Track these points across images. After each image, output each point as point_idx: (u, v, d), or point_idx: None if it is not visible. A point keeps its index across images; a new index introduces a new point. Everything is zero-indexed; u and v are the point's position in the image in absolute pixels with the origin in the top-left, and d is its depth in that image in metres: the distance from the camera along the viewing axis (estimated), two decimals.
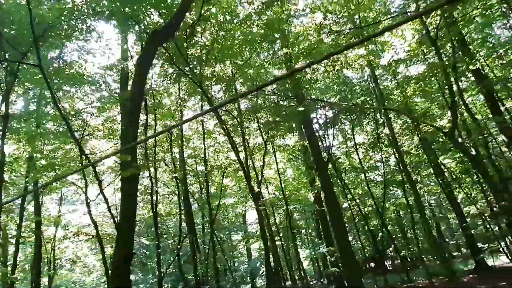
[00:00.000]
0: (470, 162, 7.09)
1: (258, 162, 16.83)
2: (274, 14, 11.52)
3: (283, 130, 15.20)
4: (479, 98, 15.04)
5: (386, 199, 16.62)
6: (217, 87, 14.05)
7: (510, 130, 10.43)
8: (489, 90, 11.85)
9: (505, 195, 7.68)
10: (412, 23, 9.56)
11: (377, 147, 16.34)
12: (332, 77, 13.78)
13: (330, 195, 13.20)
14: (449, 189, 14.04)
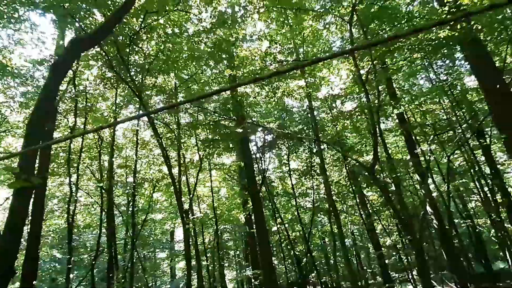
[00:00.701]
0: (385, 197, 7.72)
1: (192, 178, 16.52)
2: (224, 35, 11.74)
3: (221, 149, 15.21)
4: (401, 138, 16.62)
5: (313, 226, 17.26)
6: (158, 98, 13.71)
7: (422, 169, 11.62)
8: (408, 132, 13.20)
9: (413, 230, 8.46)
10: (348, 63, 10.36)
11: (309, 174, 17.07)
12: (273, 102, 14.26)
13: (260, 217, 13.37)
14: (369, 220, 15.04)
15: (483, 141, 13.45)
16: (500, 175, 13.82)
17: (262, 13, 10.99)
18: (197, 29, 11.31)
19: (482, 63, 9.38)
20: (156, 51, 11.14)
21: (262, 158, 17.06)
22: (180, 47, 11.73)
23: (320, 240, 20.89)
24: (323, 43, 13.94)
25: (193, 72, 13.45)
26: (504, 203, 13.52)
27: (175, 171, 13.37)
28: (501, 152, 16.62)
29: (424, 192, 9.66)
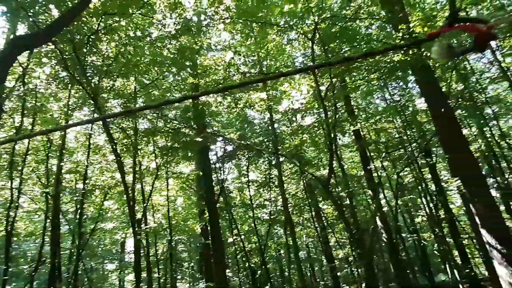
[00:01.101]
0: (338, 211, 7.93)
1: (148, 186, 15.96)
2: (188, 42, 11.63)
3: (179, 157, 14.88)
4: (357, 154, 17.29)
5: (269, 238, 17.31)
6: (115, 102, 13.18)
7: (375, 184, 12.13)
8: (363, 149, 13.78)
9: (363, 244, 8.77)
10: (309, 79, 10.67)
11: (267, 186, 17.18)
12: (234, 113, 14.27)
13: (216, 228, 13.18)
14: (323, 233, 15.36)
15: (430, 160, 14.35)
16: (444, 193, 14.78)
17: (227, 23, 11.06)
18: (161, 34, 11.10)
19: (431, 88, 10.04)
20: (116, 53, 10.74)
21: (221, 168, 16.93)
22: (142, 51, 11.42)
23: (275, 252, 20.96)
24: (286, 58, 14.27)
25: (154, 77, 13.12)
26: (446, 218, 14.45)
27: (130, 178, 12.84)
28: (446, 170, 17.79)
29: (375, 206, 10.06)
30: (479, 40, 1.30)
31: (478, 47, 1.32)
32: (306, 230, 20.24)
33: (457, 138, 9.33)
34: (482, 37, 1.29)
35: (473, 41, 1.32)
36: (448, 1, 1.28)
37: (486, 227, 7.96)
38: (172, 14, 10.09)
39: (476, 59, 15.39)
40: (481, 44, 1.31)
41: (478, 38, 1.31)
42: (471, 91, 13.54)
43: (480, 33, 1.29)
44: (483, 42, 1.30)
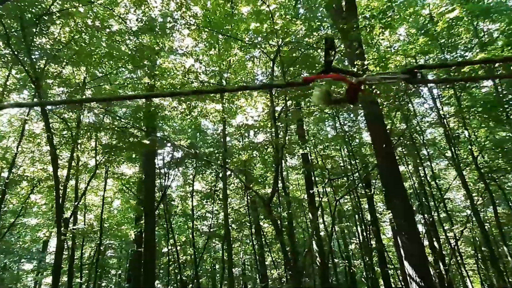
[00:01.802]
0: (276, 231, 8.00)
1: (83, 184, 14.95)
2: (149, 42, 11.30)
3: (123, 157, 14.17)
4: (302, 177, 17.75)
5: (206, 251, 16.94)
6: (60, 90, 12.32)
7: (314, 207, 12.48)
8: (309, 172, 14.19)
9: (297, 265, 8.91)
10: (265, 98, 10.84)
11: (211, 198, 16.93)
12: (188, 120, 14.02)
13: (151, 236, 12.63)
14: (260, 251, 15.39)
15: (369, 191, 15.14)
16: (377, 223, 15.62)
17: (193, 30, 10.96)
18: (121, 28, 10.68)
19: (376, 123, 10.69)
20: (69, 39, 10.12)
21: (166, 174, 16.41)
22: (99, 42, 10.88)
23: (210, 267, 20.54)
24: (247, 74, 14.43)
25: (108, 71, 12.51)
26: (377, 248, 15.22)
27: (64, 173, 11.95)
28: (381, 202, 18.86)
29: (313, 230, 10.31)
30: (349, 93, 1.34)
31: (348, 99, 1.35)
32: (244, 247, 20.12)
33: (394, 174, 9.96)
34: (352, 90, 1.33)
35: (345, 94, 1.35)
36: (324, 51, 1.21)
37: (408, 260, 8.48)
38: (136, 10, 9.77)
39: (419, 103, 16.78)
40: (351, 96, 1.34)
41: (349, 91, 1.34)
42: (411, 131, 14.64)
43: (351, 86, 1.33)
44: (353, 95, 1.34)
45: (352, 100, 1.33)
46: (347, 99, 1.36)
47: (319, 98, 1.36)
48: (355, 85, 1.31)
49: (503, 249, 15.76)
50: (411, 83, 1.28)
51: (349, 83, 1.30)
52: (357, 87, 1.31)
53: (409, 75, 1.24)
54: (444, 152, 15.28)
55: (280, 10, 9.54)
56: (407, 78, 1.25)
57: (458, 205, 19.17)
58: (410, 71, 1.25)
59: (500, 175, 13.65)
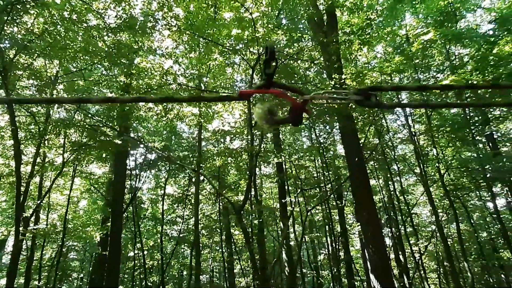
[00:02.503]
0: (245, 239, 7.93)
1: (49, 182, 14.30)
2: (128, 39, 11.06)
3: (93, 156, 13.68)
4: (276, 186, 17.79)
5: (174, 257, 16.56)
6: (30, 83, 11.79)
7: (286, 216, 12.49)
8: (283, 181, 14.23)
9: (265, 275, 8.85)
10: (243, 105, 10.82)
11: (183, 202, 16.63)
12: (163, 122, 13.77)
13: (117, 239, 12.22)
14: (229, 259, 15.22)
15: (340, 202, 15.36)
16: (346, 235, 15.84)
17: (173, 32, 10.81)
18: (99, 23, 10.39)
19: (350, 137, 10.91)
20: (43, 30, 9.72)
21: (137, 176, 16.00)
22: (75, 35, 10.52)
23: (177, 273, 20.09)
24: (226, 79, 14.38)
25: (82, 66, 12.11)
26: (345, 259, 15.41)
27: (28, 169, 11.39)
28: (352, 214, 19.19)
29: (283, 239, 10.31)
30: (293, 113, 1.17)
31: (291, 119, 1.18)
32: (213, 254, 19.85)
33: (364, 187, 10.16)
34: (296, 110, 1.16)
35: (288, 114, 1.18)
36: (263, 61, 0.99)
37: (374, 272, 8.63)
38: (116, 7, 9.54)
39: (392, 120, 17.31)
40: (294, 117, 1.17)
41: (292, 110, 1.17)
42: (383, 147, 15.04)
43: (294, 105, 1.15)
44: (296, 116, 1.17)
45: (295, 122, 1.16)
46: (290, 120, 1.19)
47: (259, 117, 1.20)
48: (299, 105, 1.15)
49: (464, 265, 16.37)
50: (363, 106, 1.12)
51: (292, 101, 1.15)
52: (301, 107, 1.16)
53: (361, 96, 1.10)
54: (413, 168, 15.77)
55: (263, 19, 9.59)
56: (359, 100, 1.11)
57: (424, 220, 19.79)
58: (364, 92, 1.10)
59: (464, 193, 14.23)
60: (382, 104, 1.16)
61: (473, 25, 12.80)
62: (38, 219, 13.49)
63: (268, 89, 1.09)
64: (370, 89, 1.11)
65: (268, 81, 1.08)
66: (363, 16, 10.70)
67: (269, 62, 1.08)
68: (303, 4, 10.55)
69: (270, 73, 1.08)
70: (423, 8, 11.87)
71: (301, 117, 1.18)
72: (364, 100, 1.10)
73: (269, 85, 1.09)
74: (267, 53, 1.08)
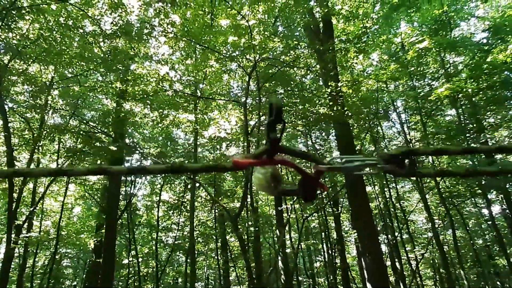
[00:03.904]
0: (241, 247, 7.87)
1: (42, 188, 14.15)
2: (124, 46, 11.03)
3: (87, 163, 13.57)
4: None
5: (169, 264, 16.39)
6: (25, 89, 11.71)
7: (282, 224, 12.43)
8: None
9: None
10: (239, 111, 10.81)
11: (179, 209, 16.51)
12: (159, 128, 13.71)
13: (111, 246, 12.08)
14: (225, 266, 15.10)
15: (336, 209, 15.32)
16: (343, 242, 15.78)
17: (170, 38, 10.82)
18: (95, 30, 10.37)
19: (347, 144, 10.91)
20: (38, 36, 9.69)
21: (133, 182, 15.88)
22: (70, 41, 10.50)
23: (172, 280, 19.87)
24: (223, 85, 14.37)
25: (78, 72, 12.06)
26: (341, 267, 15.32)
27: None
28: (348, 221, 19.14)
29: (279, 247, 10.24)
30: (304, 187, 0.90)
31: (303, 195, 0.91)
32: (208, 261, 19.68)
33: (360, 194, 10.14)
34: (309, 184, 0.90)
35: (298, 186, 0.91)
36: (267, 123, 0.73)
37: (370, 280, 8.58)
38: (112, 13, 9.53)
39: (388, 126, 17.38)
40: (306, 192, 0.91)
41: (304, 184, 0.90)
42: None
43: (306, 178, 0.89)
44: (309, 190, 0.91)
45: (307, 197, 0.90)
46: (301, 195, 0.92)
47: (260, 184, 0.93)
48: (313, 177, 0.90)
49: (460, 272, 16.36)
50: (396, 175, 0.85)
51: (303, 173, 0.90)
52: (315, 179, 0.90)
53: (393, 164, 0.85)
54: None
55: (259, 26, 9.63)
56: (391, 170, 0.85)
57: (420, 227, 19.79)
58: (396, 158, 0.84)
59: (459, 200, 14.26)
60: (420, 173, 0.88)
61: (467, 34, 12.95)
62: (31, 225, 13.31)
63: (272, 158, 0.85)
64: (404, 154, 0.86)
65: (273, 147, 0.84)
66: (359, 24, 10.79)
67: (274, 124, 0.82)
68: (300, 12, 10.61)
69: (274, 138, 0.83)
70: (418, 17, 11.98)
71: (314, 191, 0.92)
72: (398, 168, 0.85)
73: (273, 153, 0.85)
74: (272, 112, 0.81)
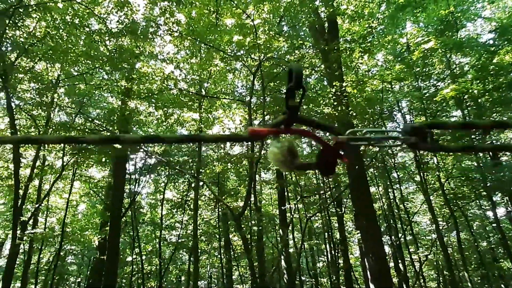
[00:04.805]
0: (244, 246, 7.89)
1: (48, 185, 14.26)
2: (130, 44, 11.08)
3: (92, 160, 13.67)
4: (276, 192, 17.72)
5: (172, 262, 16.46)
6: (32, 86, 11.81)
7: (285, 223, 12.45)
8: (283, 188, 14.18)
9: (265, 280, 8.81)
10: (243, 111, 10.82)
11: (182, 208, 16.56)
12: (163, 127, 13.77)
13: (115, 244, 12.17)
14: (228, 265, 15.13)
15: (340, 210, 15.28)
16: (346, 242, 15.74)
17: (175, 37, 10.86)
18: (101, 28, 10.43)
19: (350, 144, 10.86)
20: (45, 34, 9.76)
21: (137, 180, 15.96)
22: (77, 40, 10.57)
23: (175, 278, 19.95)
24: (228, 84, 14.40)
25: (84, 70, 12.14)
26: (344, 267, 15.29)
27: (27, 172, 11.37)
28: (351, 221, 19.08)
29: (282, 246, 10.24)
30: (324, 158, 0.84)
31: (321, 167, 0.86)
32: (212, 260, 19.72)
33: (364, 194, 10.12)
34: (329, 155, 0.85)
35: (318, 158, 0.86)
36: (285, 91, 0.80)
37: (374, 281, 8.55)
38: (118, 12, 9.59)
39: (393, 127, 17.28)
40: (326, 164, 0.86)
41: (323, 156, 0.84)
42: (383, 154, 15.00)
43: (326, 149, 0.84)
44: (329, 163, 0.85)
45: (326, 171, 0.86)
46: (320, 168, 0.87)
47: (276, 159, 0.87)
48: (332, 148, 0.84)
49: (464, 274, 16.26)
50: (419, 149, 0.81)
51: (323, 143, 0.85)
52: (334, 151, 0.85)
53: (415, 137, 0.80)
54: (413, 176, 15.72)
55: (264, 26, 9.64)
56: (413, 143, 0.81)
57: (424, 229, 19.69)
58: (419, 131, 0.80)
59: (464, 202, 14.17)
60: (443, 146, 0.83)
61: (474, 35, 12.85)
62: (36, 222, 13.44)
63: (290, 127, 0.80)
64: (428, 127, 0.81)
65: (291, 116, 0.78)
66: (364, 24, 10.75)
67: (293, 90, 0.76)
68: (305, 11, 10.59)
69: (294, 105, 0.77)
70: (424, 17, 11.92)
71: (334, 163, 0.87)
72: (420, 142, 0.81)
73: (292, 122, 0.80)
74: (291, 78, 0.75)
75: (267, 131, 0.82)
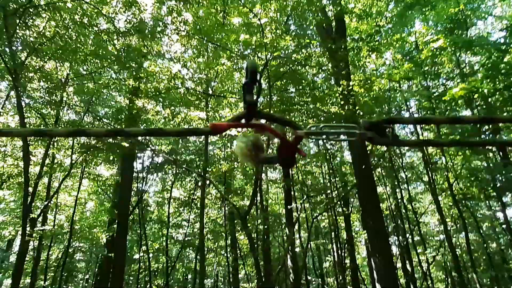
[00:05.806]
0: (250, 245, 7.91)
1: (57, 182, 14.44)
2: (137, 44, 11.16)
3: (101, 158, 13.81)
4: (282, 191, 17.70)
5: (179, 260, 16.55)
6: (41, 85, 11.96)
7: (292, 223, 12.42)
8: (289, 187, 14.16)
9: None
10: None
11: (189, 206, 16.64)
12: (170, 125, 13.83)
13: (123, 241, 12.29)
14: (234, 264, 15.17)
15: (346, 209, 15.21)
16: (352, 242, 15.66)
17: (182, 36, 10.90)
18: (109, 27, 10.52)
19: (357, 144, 10.82)
20: (54, 33, 9.88)
21: (144, 178, 16.08)
22: (86, 39, 10.68)
23: (182, 276, 20.06)
24: (234, 83, 14.40)
25: (92, 69, 12.27)
26: (350, 267, 15.22)
27: (36, 169, 11.51)
28: (358, 221, 18.98)
29: (288, 245, 10.24)
30: (283, 153, 0.85)
31: (281, 161, 0.85)
32: (218, 258, 19.78)
33: (371, 194, 10.06)
34: (287, 149, 0.84)
35: (277, 152, 0.87)
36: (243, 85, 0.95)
37: (380, 282, 8.50)
38: (126, 11, 9.66)
39: (401, 127, 17.13)
40: (285, 157, 0.86)
41: (282, 150, 0.85)
42: (391, 154, 14.88)
43: (284, 144, 0.84)
44: (288, 156, 0.86)
45: (285, 163, 0.84)
46: (280, 161, 0.87)
47: (241, 153, 0.88)
48: (290, 143, 0.84)
49: (473, 276, 16.05)
50: (376, 144, 0.82)
51: (281, 138, 0.83)
52: (293, 145, 0.85)
53: (373, 131, 0.80)
54: (422, 176, 15.57)
55: (271, 25, 9.62)
56: (371, 138, 0.81)
57: (432, 230, 19.50)
58: (377, 126, 0.81)
59: (473, 202, 13.99)
60: (401, 141, 0.89)
61: (484, 33, 12.66)
62: (45, 219, 13.60)
63: (249, 121, 0.79)
64: (386, 122, 0.81)
65: (250, 110, 0.77)
66: (372, 22, 10.67)
67: (250, 86, 0.76)
68: (312, 10, 10.54)
69: (251, 101, 0.76)
70: (433, 15, 11.78)
71: (293, 158, 0.87)
72: (378, 136, 0.82)
73: (251, 116, 0.78)
74: (247, 74, 0.76)
75: (227, 125, 0.86)
